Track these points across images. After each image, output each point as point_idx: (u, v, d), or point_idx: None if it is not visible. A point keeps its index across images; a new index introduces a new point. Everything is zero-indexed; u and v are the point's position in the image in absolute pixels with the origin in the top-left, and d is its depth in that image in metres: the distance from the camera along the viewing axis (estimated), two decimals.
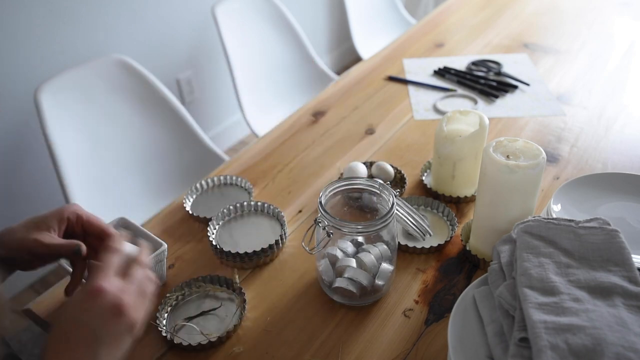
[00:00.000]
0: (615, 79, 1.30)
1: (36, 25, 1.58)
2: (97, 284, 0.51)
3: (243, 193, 0.97)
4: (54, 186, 1.35)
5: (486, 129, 0.86)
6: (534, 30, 1.58)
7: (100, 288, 0.51)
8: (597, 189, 0.81)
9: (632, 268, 0.57)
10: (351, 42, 2.32)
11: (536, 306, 0.53)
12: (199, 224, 0.91)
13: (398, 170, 0.98)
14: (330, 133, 1.14)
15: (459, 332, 0.59)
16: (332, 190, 0.74)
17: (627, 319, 0.51)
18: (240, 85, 1.76)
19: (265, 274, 0.81)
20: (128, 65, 1.40)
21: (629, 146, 1.06)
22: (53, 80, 1.29)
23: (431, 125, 1.15)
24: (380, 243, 0.74)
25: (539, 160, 0.69)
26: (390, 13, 2.48)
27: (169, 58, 2.05)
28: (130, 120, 1.42)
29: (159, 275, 0.77)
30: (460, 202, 0.92)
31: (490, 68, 1.36)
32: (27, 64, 1.59)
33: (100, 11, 1.74)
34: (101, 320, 0.50)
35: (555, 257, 0.60)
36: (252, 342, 0.70)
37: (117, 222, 0.80)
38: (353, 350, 0.68)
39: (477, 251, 0.79)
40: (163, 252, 0.75)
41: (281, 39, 1.90)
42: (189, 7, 2.05)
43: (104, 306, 0.50)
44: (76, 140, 1.31)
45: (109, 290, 0.51)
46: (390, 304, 0.75)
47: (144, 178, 1.45)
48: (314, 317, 0.73)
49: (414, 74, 1.37)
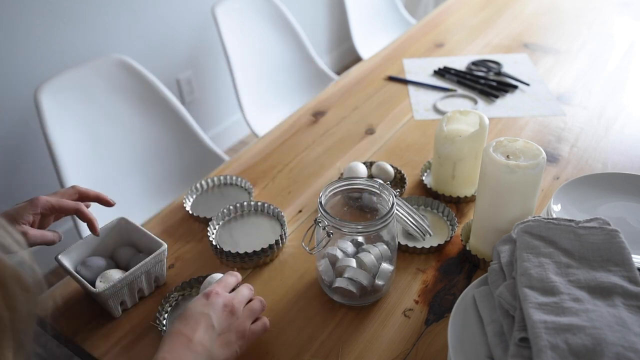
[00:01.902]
0: (615, 79, 1.30)
1: (36, 25, 1.58)
2: (214, 288, 0.64)
3: (243, 193, 0.97)
4: (54, 186, 1.35)
5: (486, 129, 0.86)
6: (534, 30, 1.58)
7: (217, 291, 0.63)
8: (597, 189, 0.81)
9: (632, 268, 0.57)
10: (351, 42, 2.32)
11: (536, 306, 0.53)
12: (199, 224, 0.91)
13: (398, 170, 0.98)
14: (330, 133, 1.14)
15: (459, 332, 0.59)
16: (332, 190, 0.74)
17: (627, 319, 0.51)
18: (240, 85, 1.76)
19: (265, 274, 0.81)
20: (128, 65, 1.40)
21: (629, 146, 1.06)
22: (53, 80, 1.29)
23: (431, 125, 1.15)
24: (380, 243, 0.74)
25: (539, 160, 0.69)
26: (390, 13, 2.48)
27: (169, 58, 2.05)
28: (130, 120, 1.42)
29: (158, 274, 0.77)
30: (460, 202, 0.92)
31: (490, 68, 1.36)
32: (27, 64, 1.59)
33: (100, 11, 1.74)
34: (218, 313, 0.61)
35: (555, 257, 0.60)
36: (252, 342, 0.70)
37: (117, 222, 0.80)
38: (353, 350, 0.68)
39: (477, 251, 0.79)
40: (163, 252, 0.75)
41: (281, 39, 1.90)
42: (189, 7, 2.05)
43: (220, 303, 0.62)
44: (76, 140, 1.31)
45: (223, 293, 0.64)
46: (390, 304, 0.75)
47: (144, 178, 1.45)
48: (314, 317, 0.73)
49: (414, 74, 1.37)
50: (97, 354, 0.69)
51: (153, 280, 0.77)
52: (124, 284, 0.72)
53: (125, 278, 0.71)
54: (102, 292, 0.69)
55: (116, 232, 0.80)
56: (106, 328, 0.73)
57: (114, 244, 0.80)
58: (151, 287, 0.77)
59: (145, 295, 0.77)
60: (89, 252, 0.78)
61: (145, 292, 0.76)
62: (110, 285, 0.70)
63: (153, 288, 0.78)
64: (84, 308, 0.76)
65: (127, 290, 0.73)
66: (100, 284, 0.72)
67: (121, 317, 0.74)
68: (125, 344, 0.71)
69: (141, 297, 0.77)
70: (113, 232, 0.80)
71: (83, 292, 0.78)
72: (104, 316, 0.74)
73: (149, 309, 0.75)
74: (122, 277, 0.71)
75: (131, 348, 0.70)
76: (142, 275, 0.74)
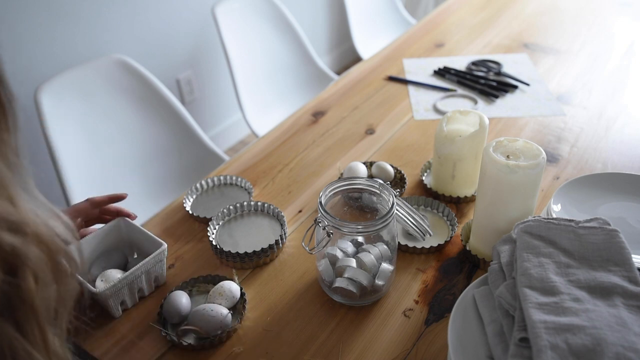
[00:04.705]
0: (615, 79, 1.30)
1: (36, 25, 1.58)
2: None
3: (243, 193, 0.97)
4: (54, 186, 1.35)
5: (486, 129, 0.86)
6: (534, 30, 1.58)
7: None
8: (597, 189, 0.81)
9: (632, 268, 0.57)
10: (351, 42, 2.32)
11: (536, 306, 0.53)
12: (199, 224, 0.91)
13: (398, 170, 0.98)
14: (330, 133, 1.14)
15: (459, 332, 0.59)
16: (332, 190, 0.74)
17: (627, 319, 0.51)
18: (240, 85, 1.76)
19: (265, 274, 0.81)
20: (128, 65, 1.40)
21: (629, 146, 1.06)
22: (53, 80, 1.29)
23: (431, 125, 1.15)
24: (380, 243, 0.74)
25: (539, 160, 0.69)
26: (390, 13, 2.48)
27: (169, 58, 2.05)
28: (130, 120, 1.42)
29: (158, 274, 0.77)
30: (460, 202, 0.92)
31: (490, 68, 1.36)
32: (27, 64, 1.59)
33: (100, 11, 1.74)
34: None
35: (555, 257, 0.60)
36: (252, 342, 0.70)
37: (117, 222, 0.80)
38: (353, 350, 0.68)
39: (477, 251, 0.79)
40: (163, 252, 0.75)
41: (281, 39, 1.90)
42: (189, 7, 2.05)
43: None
44: (76, 140, 1.31)
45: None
46: (390, 304, 0.75)
47: (144, 178, 1.45)
48: (314, 317, 0.73)
49: (414, 74, 1.37)
50: (97, 354, 0.69)
51: (153, 280, 0.77)
52: (124, 284, 0.72)
53: (125, 278, 0.71)
54: (103, 292, 0.69)
55: (116, 233, 0.81)
56: (106, 328, 0.73)
57: (113, 244, 0.81)
58: (151, 287, 0.77)
59: (145, 295, 0.77)
60: (89, 252, 0.78)
61: (145, 292, 0.76)
62: (110, 285, 0.70)
63: (153, 288, 0.78)
64: (84, 308, 0.76)
65: (127, 290, 0.73)
66: (100, 284, 0.72)
67: (121, 317, 0.74)
68: (125, 344, 0.71)
69: (141, 297, 0.77)
70: (112, 233, 0.80)
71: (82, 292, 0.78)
72: (104, 316, 0.74)
73: (149, 309, 0.75)
74: (122, 277, 0.71)
75: (131, 348, 0.70)
76: (142, 275, 0.74)
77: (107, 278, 0.72)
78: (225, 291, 0.73)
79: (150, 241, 0.77)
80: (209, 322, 0.69)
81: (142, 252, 0.80)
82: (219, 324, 0.69)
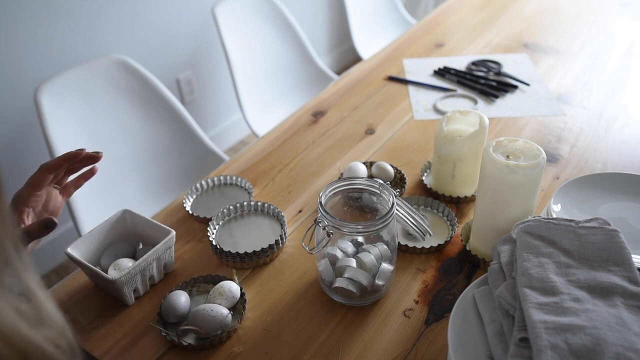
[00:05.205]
0: (615, 79, 1.30)
1: (36, 25, 1.58)
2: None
3: (243, 193, 0.97)
4: None
5: (486, 129, 0.86)
6: (534, 30, 1.58)
7: None
8: (597, 189, 0.81)
9: (632, 268, 0.57)
10: (351, 42, 2.32)
11: (536, 306, 0.53)
12: (199, 224, 0.91)
13: (398, 170, 0.98)
14: (330, 133, 1.14)
15: (459, 332, 0.59)
16: (332, 190, 0.74)
17: (627, 319, 0.51)
18: (240, 85, 1.76)
19: (265, 274, 0.81)
20: (128, 65, 1.40)
21: (629, 146, 1.06)
22: (53, 80, 1.29)
23: (431, 125, 1.15)
24: (380, 243, 0.74)
25: (539, 160, 0.69)
26: (390, 13, 2.48)
27: (169, 58, 2.05)
28: (130, 120, 1.42)
29: (167, 261, 0.79)
30: (460, 202, 0.92)
31: (490, 68, 1.36)
32: (27, 64, 1.59)
33: (100, 11, 1.74)
34: None
35: (555, 257, 0.60)
36: (252, 342, 0.70)
37: (121, 215, 0.82)
38: (353, 350, 0.68)
39: (477, 251, 0.79)
40: (171, 239, 0.77)
41: (281, 39, 1.90)
42: (189, 7, 2.05)
43: None
44: (76, 140, 1.31)
45: None
46: (390, 304, 0.75)
47: (144, 178, 1.45)
48: (314, 317, 0.73)
49: (414, 74, 1.37)
50: (97, 354, 0.69)
51: (163, 267, 0.79)
52: (138, 271, 0.74)
53: (138, 264, 0.73)
54: (119, 279, 0.71)
55: (121, 224, 0.82)
56: (106, 328, 0.73)
57: (119, 235, 0.82)
58: (161, 274, 0.79)
59: (156, 282, 0.79)
60: (97, 244, 0.79)
61: (156, 278, 0.78)
62: (125, 272, 0.71)
63: (162, 275, 0.80)
64: (84, 308, 0.76)
65: (140, 278, 0.75)
66: (114, 272, 0.74)
67: (121, 317, 0.74)
68: (125, 344, 0.71)
69: (152, 284, 0.78)
70: (118, 225, 0.82)
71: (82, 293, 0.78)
72: (104, 316, 0.74)
73: (149, 308, 0.75)
74: (135, 264, 0.73)
75: (131, 348, 0.70)
76: (153, 262, 0.76)
77: (119, 267, 0.75)
78: (225, 291, 0.73)
79: (157, 230, 0.79)
80: (209, 322, 0.69)
81: (147, 243, 0.82)
82: (219, 324, 0.69)
